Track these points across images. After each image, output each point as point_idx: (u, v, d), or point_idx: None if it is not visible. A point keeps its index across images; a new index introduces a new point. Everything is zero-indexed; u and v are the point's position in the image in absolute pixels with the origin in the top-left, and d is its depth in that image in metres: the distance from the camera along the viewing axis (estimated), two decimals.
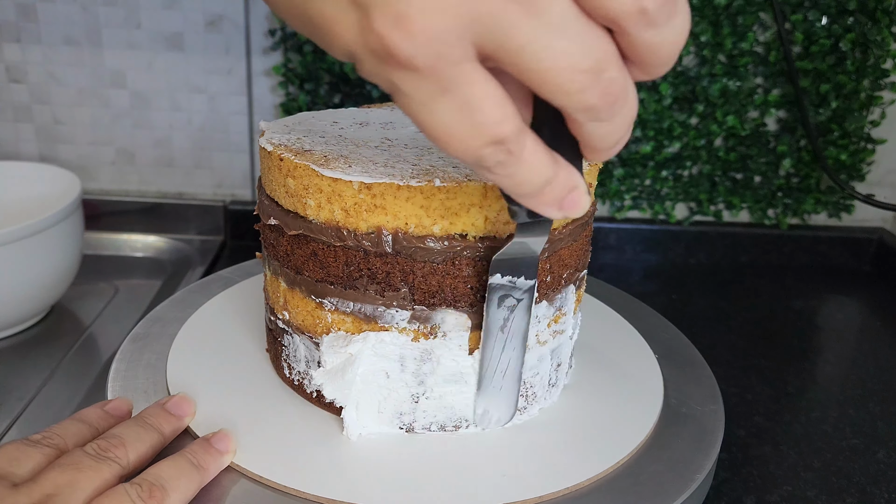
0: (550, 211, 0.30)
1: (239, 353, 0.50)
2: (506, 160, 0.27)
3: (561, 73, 0.25)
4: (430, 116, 0.26)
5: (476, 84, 0.25)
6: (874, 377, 0.67)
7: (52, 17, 0.80)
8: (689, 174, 0.87)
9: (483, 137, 0.26)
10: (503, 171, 0.27)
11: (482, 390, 0.42)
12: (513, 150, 0.27)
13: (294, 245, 0.42)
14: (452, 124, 0.26)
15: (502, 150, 0.27)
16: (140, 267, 0.82)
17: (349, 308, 0.41)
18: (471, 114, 0.26)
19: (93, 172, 0.87)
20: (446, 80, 0.25)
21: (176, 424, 0.41)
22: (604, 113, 0.26)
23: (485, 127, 0.26)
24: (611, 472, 0.41)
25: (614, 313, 0.58)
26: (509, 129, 0.26)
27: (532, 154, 0.27)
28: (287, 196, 0.41)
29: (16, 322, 0.65)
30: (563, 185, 0.29)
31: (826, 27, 0.80)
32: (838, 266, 0.90)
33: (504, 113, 0.26)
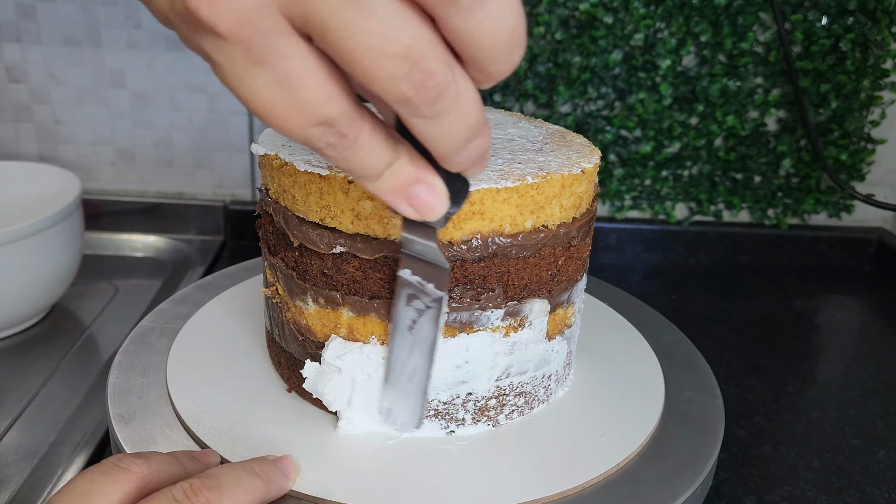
0: (400, 205, 0.29)
1: (240, 354, 0.50)
2: (337, 143, 0.26)
3: (368, 56, 0.23)
4: (247, 90, 0.25)
5: (293, 59, 0.24)
6: (874, 377, 0.67)
7: (52, 17, 0.80)
8: (689, 174, 0.87)
9: (307, 117, 0.25)
10: (336, 154, 0.26)
11: (388, 386, 0.40)
12: (345, 134, 0.26)
13: (370, 270, 0.40)
14: (271, 99, 0.25)
15: (332, 132, 0.25)
16: (140, 267, 0.82)
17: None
18: (290, 91, 0.24)
19: (93, 172, 0.87)
20: (258, 51, 0.24)
21: (284, 483, 0.37)
22: (423, 109, 0.25)
23: (307, 105, 0.25)
24: (611, 473, 0.41)
25: (615, 313, 0.58)
26: (336, 110, 0.25)
27: (368, 139, 0.26)
28: (357, 220, 0.39)
29: (16, 322, 0.65)
30: (406, 174, 0.28)
31: (826, 27, 0.80)
32: (838, 266, 0.90)
33: (328, 93, 0.25)
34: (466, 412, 0.43)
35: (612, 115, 0.83)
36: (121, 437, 0.42)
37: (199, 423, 0.42)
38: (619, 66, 0.81)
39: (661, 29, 0.80)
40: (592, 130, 0.84)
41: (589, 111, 0.83)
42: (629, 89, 0.82)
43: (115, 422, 0.43)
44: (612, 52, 0.80)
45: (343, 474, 0.40)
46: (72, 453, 0.52)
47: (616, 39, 0.79)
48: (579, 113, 0.83)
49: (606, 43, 0.79)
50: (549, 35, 0.79)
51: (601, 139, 0.84)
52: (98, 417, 0.56)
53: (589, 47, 0.80)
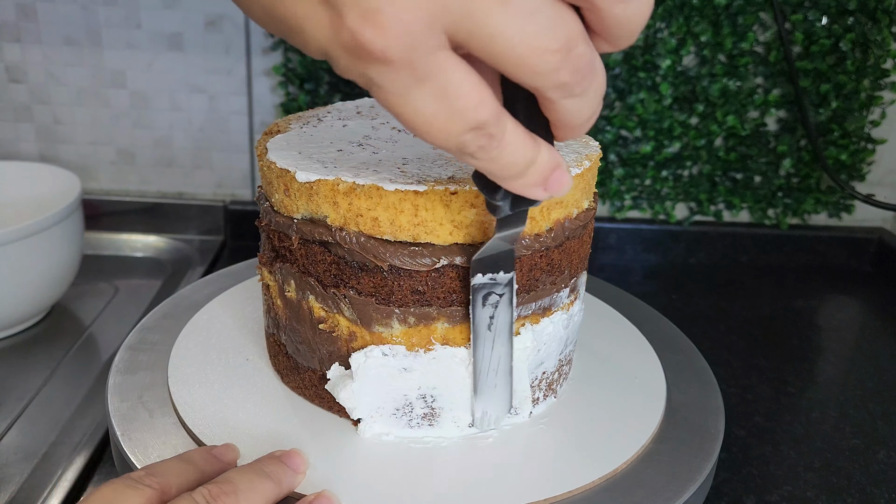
0: (536, 192, 0.30)
1: (240, 354, 0.50)
2: (487, 144, 0.27)
3: (533, 56, 0.25)
4: (408, 108, 0.26)
5: (451, 71, 0.25)
6: (874, 377, 0.67)
7: (52, 17, 0.80)
8: (689, 174, 0.87)
9: (463, 123, 0.26)
10: (486, 156, 0.28)
11: (479, 392, 0.41)
12: (494, 134, 0.27)
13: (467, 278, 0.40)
14: (431, 113, 0.26)
15: (483, 134, 0.27)
16: (140, 267, 0.82)
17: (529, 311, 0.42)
18: (448, 101, 0.26)
19: (93, 172, 0.87)
20: (421, 70, 0.25)
21: (293, 479, 0.38)
22: (577, 88, 0.27)
23: (464, 112, 0.26)
24: (612, 474, 0.41)
25: (617, 313, 0.58)
26: (488, 113, 0.26)
27: (513, 136, 0.28)
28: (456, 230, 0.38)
29: (16, 322, 0.65)
30: (547, 163, 0.29)
31: (826, 27, 0.80)
32: (838, 266, 0.90)
33: (481, 97, 0.26)
34: (540, 391, 0.45)
35: (612, 115, 0.83)
36: (121, 437, 0.42)
37: (200, 424, 0.42)
38: (619, 66, 0.81)
39: (661, 29, 0.80)
40: (592, 130, 0.84)
41: None
42: (629, 89, 0.82)
43: (116, 422, 0.43)
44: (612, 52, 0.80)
45: (345, 475, 0.40)
46: (72, 453, 0.52)
47: None
48: None
49: None
50: None
51: (601, 139, 0.84)
52: (98, 417, 0.56)
53: None
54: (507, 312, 0.40)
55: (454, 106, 0.26)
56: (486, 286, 0.38)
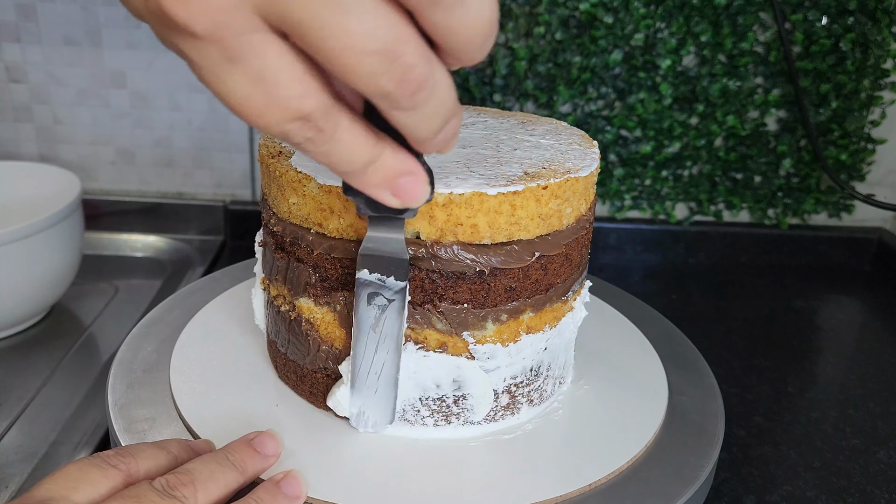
0: (383, 195, 0.29)
1: (241, 354, 0.50)
2: (315, 137, 0.26)
3: (347, 54, 0.24)
4: (223, 87, 0.25)
5: (267, 56, 0.24)
6: (874, 377, 0.67)
7: (52, 17, 0.80)
8: (689, 174, 0.87)
9: (283, 112, 0.25)
10: (315, 149, 0.27)
11: (356, 390, 0.40)
12: (323, 128, 0.26)
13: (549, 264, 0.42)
14: (247, 96, 0.25)
15: (310, 127, 0.26)
16: (140, 267, 0.82)
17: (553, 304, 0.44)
18: (265, 87, 0.25)
19: (93, 172, 0.87)
20: (232, 50, 0.24)
21: (261, 464, 0.38)
22: (403, 101, 0.25)
23: (284, 101, 0.25)
24: (612, 475, 0.41)
25: (618, 314, 0.58)
26: (313, 106, 0.25)
27: (347, 132, 0.26)
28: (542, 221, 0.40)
29: (16, 322, 0.65)
30: (391, 167, 0.28)
31: (826, 27, 0.80)
32: (838, 266, 0.90)
33: (304, 88, 0.25)
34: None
35: (612, 115, 0.83)
36: (121, 437, 0.42)
37: (202, 423, 0.42)
38: (619, 66, 0.81)
39: (661, 29, 0.80)
40: (592, 130, 0.84)
41: (589, 111, 0.83)
42: (629, 89, 0.82)
43: (116, 422, 0.43)
44: (612, 52, 0.80)
45: (347, 475, 0.40)
46: (72, 453, 0.52)
47: (616, 39, 0.79)
48: (579, 113, 0.83)
49: (606, 43, 0.79)
50: (549, 35, 0.79)
51: (601, 139, 0.84)
52: (98, 417, 0.56)
53: (589, 47, 0.80)
54: (396, 321, 0.38)
55: (272, 93, 0.25)
56: (373, 285, 0.37)
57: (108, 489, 0.33)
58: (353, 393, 0.41)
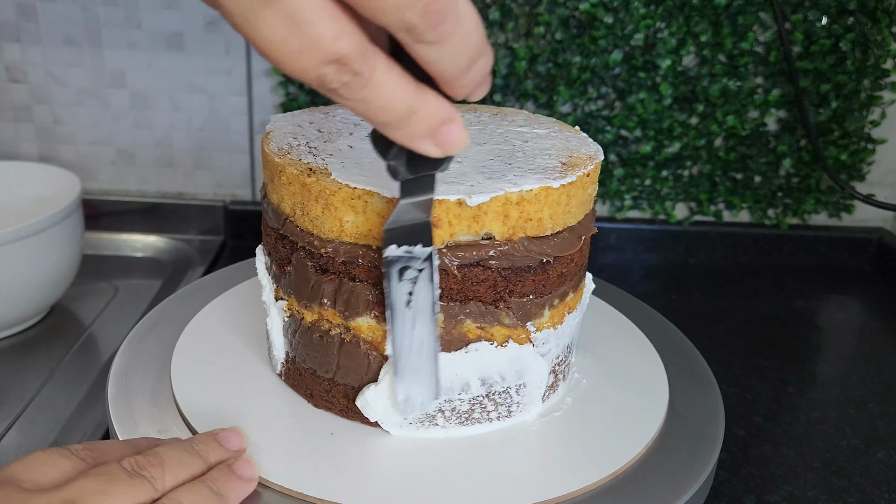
0: (425, 146, 0.28)
1: (243, 354, 0.50)
2: (352, 82, 0.25)
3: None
4: (256, 32, 0.24)
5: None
6: (874, 377, 0.67)
7: (52, 17, 0.80)
8: (689, 174, 0.87)
9: (318, 54, 0.25)
10: (353, 95, 0.26)
11: (400, 375, 0.39)
12: (360, 71, 0.25)
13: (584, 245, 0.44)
14: (281, 40, 0.24)
15: (346, 70, 0.25)
16: (140, 267, 0.82)
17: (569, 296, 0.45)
18: (299, 28, 0.24)
19: (93, 172, 0.87)
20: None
21: (223, 456, 0.38)
22: (429, 34, 0.24)
23: (318, 42, 0.24)
24: (613, 475, 0.41)
25: (619, 314, 0.58)
26: (348, 47, 0.25)
27: (385, 76, 0.26)
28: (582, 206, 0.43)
29: (16, 322, 0.65)
30: (434, 114, 0.27)
31: (826, 27, 0.80)
32: (838, 266, 0.90)
33: (339, 28, 0.24)
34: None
35: (612, 115, 0.83)
36: (121, 437, 0.42)
37: (204, 423, 0.42)
38: (619, 66, 0.81)
39: (661, 29, 0.80)
40: (592, 130, 0.84)
41: (589, 111, 0.83)
42: (629, 89, 0.82)
43: (116, 422, 0.43)
44: (612, 52, 0.80)
45: (348, 474, 0.40)
46: None
47: (616, 39, 0.79)
48: (579, 113, 0.83)
49: (606, 43, 0.79)
50: (549, 35, 0.79)
51: (601, 139, 0.84)
52: (98, 417, 0.56)
53: (589, 47, 0.80)
54: (428, 290, 0.37)
55: (307, 34, 0.24)
56: (402, 259, 0.37)
57: (71, 470, 0.33)
58: (398, 379, 0.39)
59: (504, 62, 0.80)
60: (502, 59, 0.80)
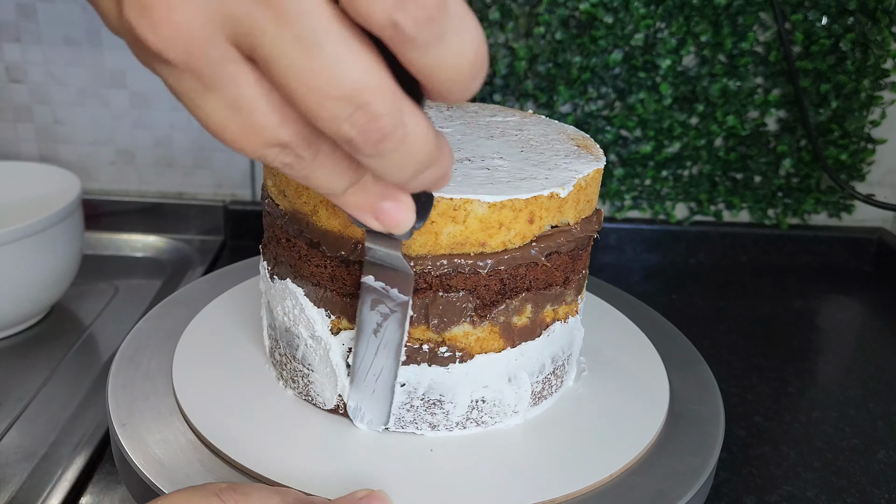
0: (365, 218, 0.28)
1: (244, 354, 0.50)
2: (294, 163, 0.25)
3: (310, 97, 0.22)
4: (199, 112, 0.24)
5: (243, 85, 0.23)
6: (874, 377, 0.67)
7: (52, 17, 0.80)
8: (689, 174, 0.87)
9: (260, 139, 0.24)
10: (294, 173, 0.26)
11: (354, 386, 0.40)
12: (302, 155, 0.25)
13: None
14: (224, 122, 0.24)
15: (288, 153, 0.25)
16: (140, 267, 0.82)
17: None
18: (242, 115, 0.24)
19: (93, 172, 0.87)
20: (208, 78, 0.23)
21: None
22: (367, 149, 0.24)
23: (260, 129, 0.24)
24: (612, 476, 0.41)
25: (620, 314, 0.58)
26: (290, 134, 0.24)
27: (329, 158, 0.25)
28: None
29: (16, 322, 0.65)
30: (372, 191, 0.27)
31: (826, 27, 0.80)
32: (838, 266, 0.90)
33: (282, 117, 0.24)
34: None
35: (612, 115, 0.83)
36: (121, 437, 0.42)
37: (205, 422, 0.42)
38: (619, 66, 0.81)
39: (661, 29, 0.80)
40: (592, 130, 0.84)
41: (589, 111, 0.83)
42: (629, 89, 0.82)
43: (116, 422, 0.43)
44: (612, 52, 0.80)
45: (349, 473, 0.40)
46: (72, 453, 0.52)
47: (616, 39, 0.79)
48: (579, 113, 0.83)
49: (606, 43, 0.79)
50: (549, 35, 0.79)
51: (601, 139, 0.84)
52: (98, 417, 0.56)
53: (589, 47, 0.80)
54: (397, 332, 0.38)
55: (249, 121, 0.24)
56: (377, 292, 0.37)
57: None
58: (352, 389, 0.41)
59: (504, 62, 0.80)
60: (502, 59, 0.80)
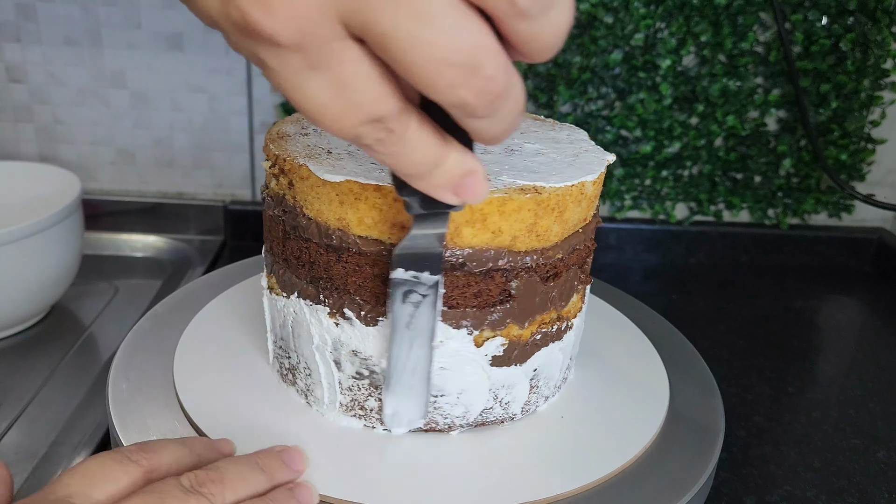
0: (445, 195, 0.29)
1: (244, 353, 0.50)
2: (386, 138, 0.26)
3: (429, 66, 0.23)
4: (301, 94, 0.25)
5: (347, 62, 0.24)
6: (874, 377, 0.67)
7: (52, 17, 0.80)
8: (689, 174, 0.87)
9: (359, 115, 0.25)
10: (385, 150, 0.27)
11: (391, 389, 0.40)
12: (394, 129, 0.26)
13: None
14: (324, 102, 0.25)
15: (381, 128, 0.26)
16: (140, 267, 0.82)
17: None
18: (344, 92, 0.25)
19: (93, 172, 0.87)
20: (315, 57, 0.24)
21: (288, 476, 0.37)
22: (480, 110, 0.25)
23: (360, 105, 0.25)
24: (613, 475, 0.41)
25: (619, 314, 0.58)
26: (386, 108, 0.25)
27: (417, 133, 0.27)
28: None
29: (16, 322, 0.65)
30: (456, 168, 0.28)
31: (826, 27, 0.80)
32: (838, 266, 0.90)
33: (380, 91, 0.25)
34: None
35: (612, 115, 0.83)
36: (122, 437, 0.42)
37: (206, 422, 0.42)
38: (619, 66, 0.81)
39: (661, 29, 0.80)
40: (592, 130, 0.84)
41: (589, 111, 0.83)
42: (629, 89, 0.82)
43: (116, 421, 0.43)
44: (612, 52, 0.80)
45: (349, 472, 0.40)
46: (72, 453, 0.52)
47: (616, 39, 0.79)
48: (579, 113, 0.83)
49: (606, 43, 0.79)
50: None
51: (601, 139, 0.84)
52: (98, 417, 0.56)
53: (589, 47, 0.80)
54: (430, 315, 0.38)
55: (350, 98, 0.25)
56: (408, 283, 0.37)
57: (127, 485, 0.32)
58: (389, 394, 0.41)
59: None
60: None
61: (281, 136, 0.43)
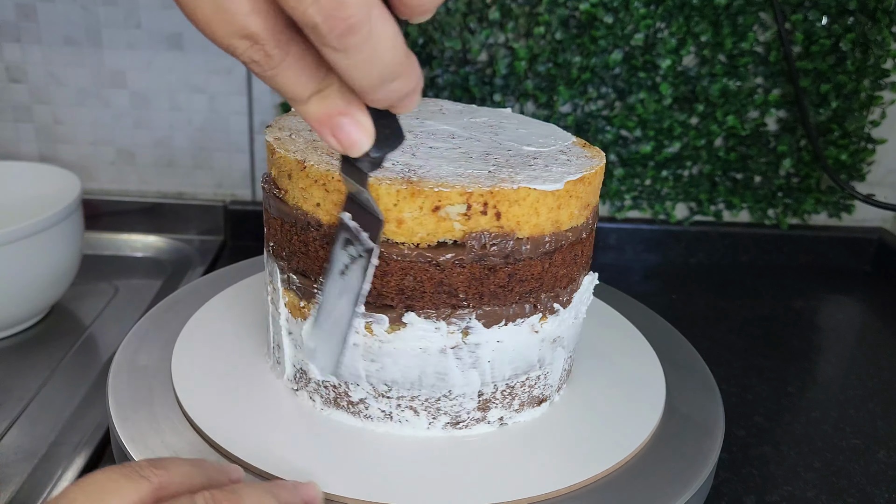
0: (323, 132, 0.29)
1: (243, 354, 0.50)
2: (263, 62, 0.26)
3: None
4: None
5: None
6: (874, 377, 0.67)
7: (52, 17, 0.80)
8: (689, 174, 0.87)
9: (230, 26, 0.25)
10: (262, 72, 0.27)
11: (317, 326, 0.39)
12: (271, 54, 0.26)
13: None
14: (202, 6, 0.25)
15: (257, 49, 0.26)
16: (140, 267, 0.82)
17: None
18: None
19: (93, 172, 0.87)
20: None
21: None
22: (331, 40, 0.25)
23: (231, 15, 0.25)
24: (612, 473, 0.41)
25: (617, 314, 0.58)
26: (259, 26, 0.25)
27: (297, 62, 0.27)
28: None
29: (16, 322, 0.65)
30: (332, 104, 0.28)
31: (826, 27, 0.80)
32: (838, 266, 0.90)
33: (253, 7, 0.25)
34: None
35: (612, 115, 0.83)
36: (122, 436, 0.42)
37: (206, 421, 0.42)
38: (619, 66, 0.81)
39: (661, 29, 0.80)
40: (592, 130, 0.84)
41: (589, 111, 0.83)
42: (629, 89, 0.82)
43: (116, 421, 0.43)
44: (612, 52, 0.80)
45: (350, 471, 0.40)
46: (72, 453, 0.52)
47: (616, 39, 0.79)
48: (579, 113, 0.83)
49: (606, 43, 0.79)
50: (549, 35, 0.79)
51: (601, 139, 0.84)
52: (98, 417, 0.56)
53: (589, 47, 0.80)
54: (360, 278, 0.37)
55: (220, 4, 0.25)
56: (349, 231, 0.37)
57: (136, 501, 0.31)
58: (314, 329, 0.40)
59: (504, 62, 0.80)
60: (502, 59, 0.80)
61: None
